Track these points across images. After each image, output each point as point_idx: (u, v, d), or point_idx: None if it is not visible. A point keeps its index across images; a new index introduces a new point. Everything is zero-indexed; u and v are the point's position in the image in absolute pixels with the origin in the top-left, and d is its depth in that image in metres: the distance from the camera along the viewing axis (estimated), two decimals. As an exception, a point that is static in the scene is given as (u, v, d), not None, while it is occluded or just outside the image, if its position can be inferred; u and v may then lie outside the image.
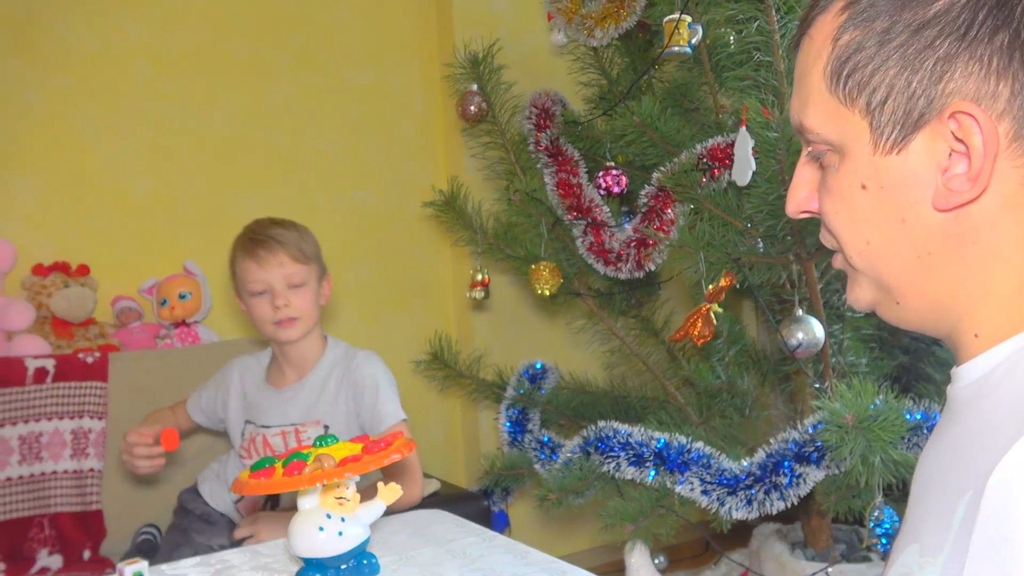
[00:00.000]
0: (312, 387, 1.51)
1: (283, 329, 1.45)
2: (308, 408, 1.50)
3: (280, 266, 1.44)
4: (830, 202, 0.59)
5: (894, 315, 0.60)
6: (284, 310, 1.43)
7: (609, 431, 1.52)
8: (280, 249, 1.44)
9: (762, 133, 1.26)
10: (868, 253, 0.58)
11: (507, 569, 1.07)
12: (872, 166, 0.56)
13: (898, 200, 0.55)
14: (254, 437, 1.50)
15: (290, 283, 1.44)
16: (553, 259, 1.87)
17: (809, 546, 1.93)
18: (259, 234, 1.46)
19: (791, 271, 1.47)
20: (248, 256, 1.44)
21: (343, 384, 1.50)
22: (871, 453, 1.12)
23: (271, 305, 1.43)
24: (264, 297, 1.44)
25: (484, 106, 1.94)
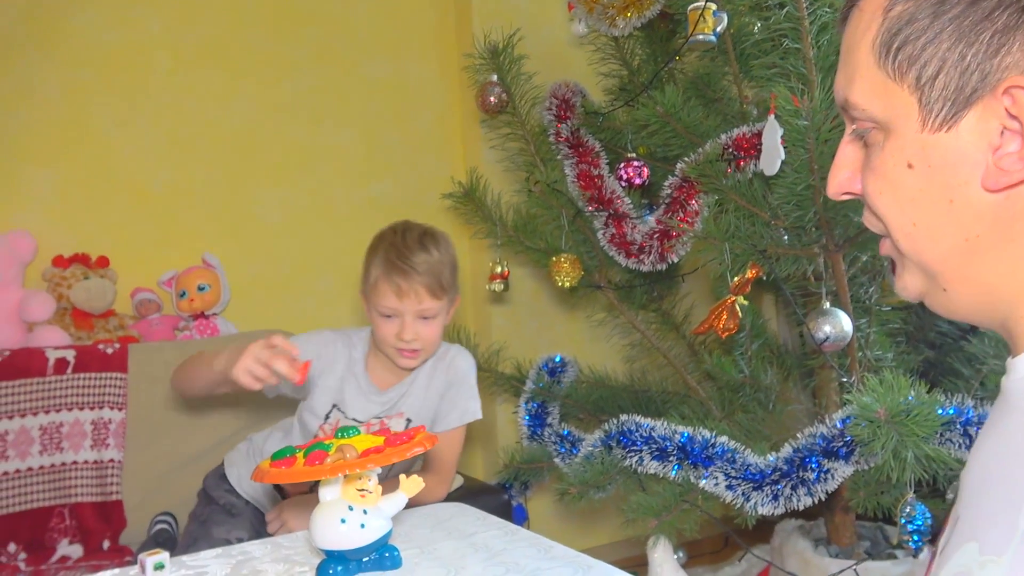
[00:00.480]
0: (419, 386, 1.51)
1: (404, 359, 1.44)
2: (395, 402, 1.50)
3: (417, 301, 1.40)
4: (874, 182, 0.57)
5: (942, 304, 0.58)
6: (411, 343, 1.42)
7: (631, 425, 1.50)
8: (420, 283, 1.39)
9: (791, 121, 1.23)
10: (914, 236, 0.56)
11: (530, 563, 1.05)
12: (919, 144, 0.53)
13: (946, 180, 0.53)
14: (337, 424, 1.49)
15: (422, 316, 1.42)
16: (574, 251, 1.84)
17: (832, 543, 1.91)
18: (404, 259, 1.40)
19: (818, 263, 1.45)
20: (386, 280, 1.40)
21: (435, 376, 1.50)
22: (903, 448, 1.09)
23: (395, 332, 1.41)
24: (392, 321, 1.41)
25: (504, 97, 1.92)
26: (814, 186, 1.29)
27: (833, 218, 1.36)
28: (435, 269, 1.40)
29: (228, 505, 1.55)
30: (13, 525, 1.66)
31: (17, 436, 1.71)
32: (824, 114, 1.25)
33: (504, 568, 1.04)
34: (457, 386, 1.50)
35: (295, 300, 2.37)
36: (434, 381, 1.50)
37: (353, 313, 2.46)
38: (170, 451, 1.85)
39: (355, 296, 2.45)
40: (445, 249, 1.45)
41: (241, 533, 1.50)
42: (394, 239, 1.43)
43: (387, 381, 1.51)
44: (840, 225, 1.38)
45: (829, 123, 1.26)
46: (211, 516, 1.54)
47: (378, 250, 1.44)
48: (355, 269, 2.46)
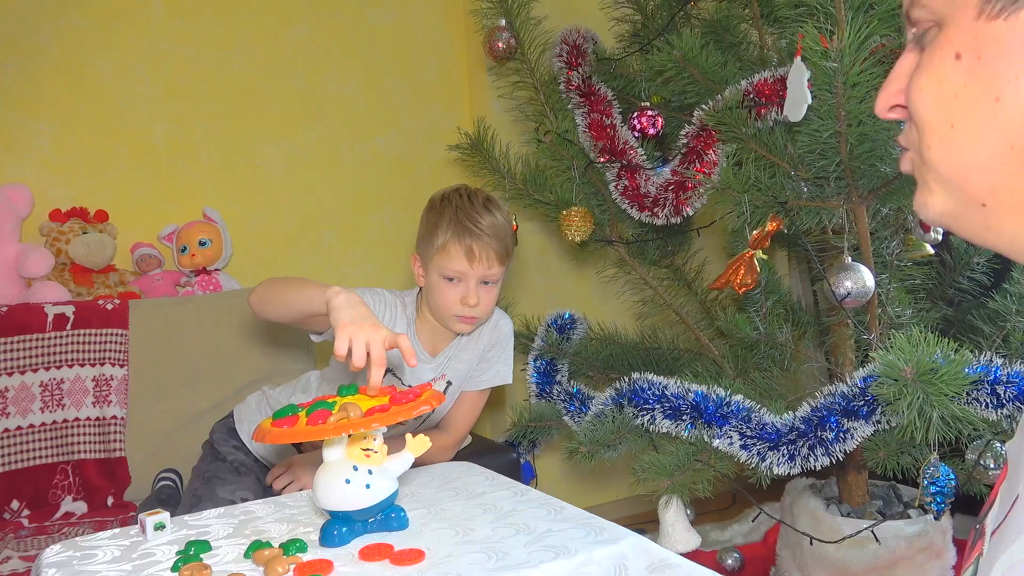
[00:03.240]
0: (463, 348, 1.49)
1: (463, 324, 1.41)
2: (442, 365, 1.48)
3: (487, 265, 1.38)
4: (918, 79, 0.51)
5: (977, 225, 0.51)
6: (473, 309, 1.39)
7: (643, 383, 1.46)
8: (491, 246, 1.37)
9: (819, 63, 1.16)
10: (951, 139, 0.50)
11: (541, 524, 1.02)
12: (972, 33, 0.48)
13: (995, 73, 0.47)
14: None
15: (485, 280, 1.40)
16: (584, 204, 1.78)
17: (844, 502, 1.88)
18: (475, 222, 1.36)
19: (840, 216, 1.38)
20: (458, 243, 1.36)
21: (479, 338, 1.49)
22: (929, 408, 1.05)
23: (459, 297, 1.38)
24: (457, 285, 1.38)
25: (512, 43, 1.83)
26: (841, 133, 1.23)
27: (859, 168, 1.29)
28: (502, 233, 1.39)
29: (235, 462, 1.51)
30: (16, 482, 1.65)
31: (17, 393, 1.68)
32: (853, 57, 1.17)
33: (514, 530, 1.01)
34: (496, 349, 1.50)
35: (299, 255, 2.33)
36: (479, 344, 1.49)
37: (355, 268, 2.42)
38: (174, 408, 1.82)
39: (359, 252, 2.41)
40: (506, 214, 1.43)
41: (246, 493, 1.47)
42: (461, 202, 1.40)
43: (436, 346, 1.48)
44: (866, 176, 1.32)
45: (858, 66, 1.18)
46: (216, 474, 1.51)
47: (444, 212, 1.39)
48: (360, 223, 2.42)
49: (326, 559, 0.94)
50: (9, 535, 1.54)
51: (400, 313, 1.48)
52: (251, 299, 1.36)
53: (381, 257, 2.45)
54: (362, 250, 2.42)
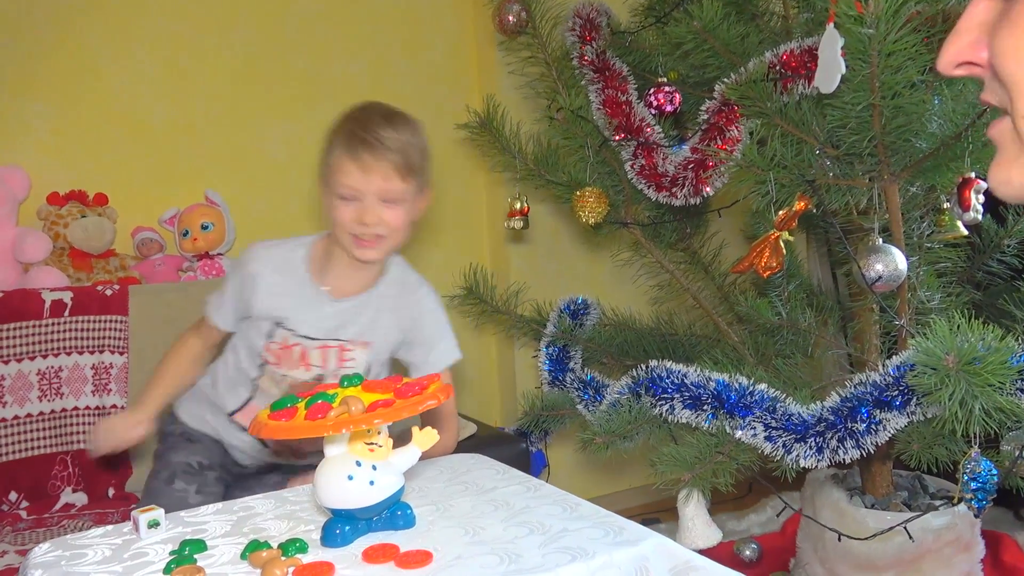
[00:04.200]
0: (371, 305, 1.34)
1: (364, 247, 1.27)
2: (361, 328, 1.34)
3: (382, 179, 1.24)
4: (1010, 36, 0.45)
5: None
6: (372, 228, 1.26)
7: (661, 371, 1.40)
8: (387, 158, 1.23)
9: (853, 30, 1.08)
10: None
11: (555, 523, 0.96)
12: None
13: None
14: (290, 345, 1.32)
15: (386, 198, 1.26)
16: (599, 184, 1.71)
17: (868, 493, 1.81)
18: (369, 132, 1.24)
19: (872, 194, 1.31)
20: (349, 156, 1.23)
21: (398, 308, 1.35)
22: (971, 399, 0.98)
23: (356, 217, 1.25)
24: (352, 204, 1.25)
25: (524, 16, 1.75)
26: (875, 106, 1.15)
27: (892, 143, 1.22)
28: (404, 147, 1.25)
29: (185, 433, 1.43)
30: (13, 473, 1.60)
31: (14, 381, 1.64)
32: (889, 23, 1.09)
33: (527, 529, 0.95)
34: (433, 326, 1.38)
35: (304, 239, 2.26)
36: (398, 310, 1.36)
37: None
38: (175, 397, 1.77)
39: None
40: (415, 132, 1.29)
41: (202, 458, 1.39)
42: (358, 115, 1.28)
43: (342, 288, 1.33)
44: (899, 152, 1.24)
45: (894, 33, 1.10)
46: (169, 445, 1.42)
47: (337, 128, 1.28)
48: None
49: (327, 561, 0.88)
50: (6, 528, 1.49)
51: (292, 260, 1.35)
52: None
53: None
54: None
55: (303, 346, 1.33)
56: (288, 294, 1.32)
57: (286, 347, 1.32)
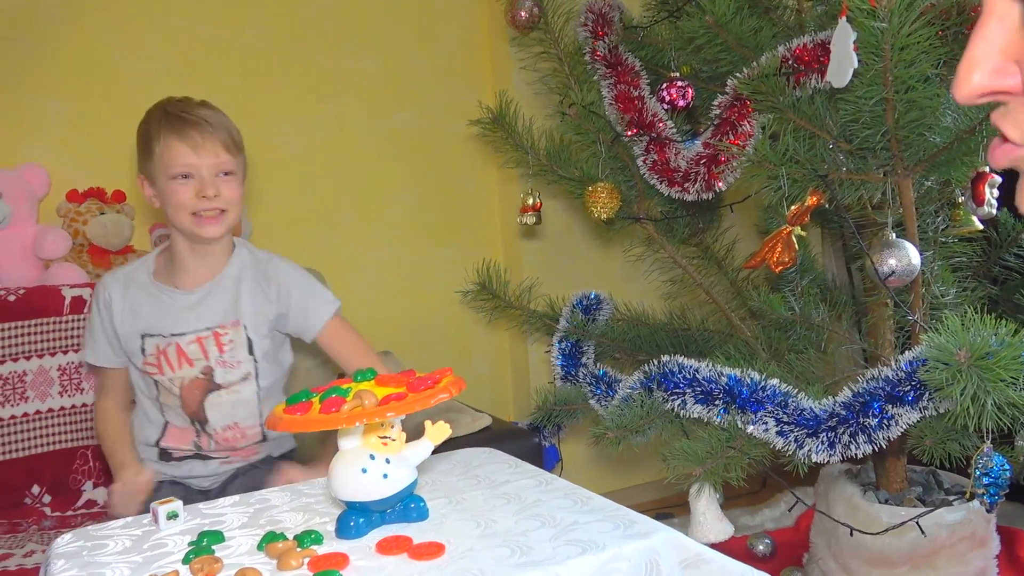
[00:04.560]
0: (227, 286, 1.37)
1: (207, 224, 1.31)
2: (225, 309, 1.37)
3: (214, 153, 1.30)
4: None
5: None
6: (214, 200, 1.30)
7: (673, 366, 1.40)
8: (213, 134, 1.30)
9: (866, 23, 1.07)
10: None
11: (567, 516, 0.97)
12: None
13: None
14: (163, 349, 1.35)
15: (220, 171, 1.31)
16: (611, 180, 1.71)
17: (881, 488, 1.81)
18: (190, 113, 1.31)
19: (885, 189, 1.30)
20: (176, 136, 1.29)
21: (258, 283, 1.38)
22: (984, 394, 0.98)
23: (195, 193, 1.29)
24: (188, 183, 1.30)
25: (536, 11, 1.76)
26: (888, 100, 1.15)
27: (906, 137, 1.21)
28: (225, 124, 1.33)
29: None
30: (36, 467, 1.63)
31: (36, 377, 1.66)
32: (903, 16, 1.09)
33: (539, 522, 0.96)
34: (299, 289, 1.40)
35: (317, 234, 2.28)
36: (258, 286, 1.38)
37: (373, 249, 2.37)
38: (193, 391, 1.79)
39: (378, 232, 2.36)
40: (227, 117, 1.37)
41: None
42: (169, 103, 1.35)
43: (190, 280, 1.37)
44: (913, 146, 1.23)
45: (908, 27, 1.10)
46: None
47: (153, 119, 1.33)
48: (378, 203, 2.37)
49: (342, 552, 0.89)
50: (32, 527, 1.52)
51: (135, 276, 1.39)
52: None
53: (401, 236, 2.40)
54: (382, 229, 2.37)
55: (176, 344, 1.35)
56: (141, 304, 1.37)
57: (161, 352, 1.35)
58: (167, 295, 1.37)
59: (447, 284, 2.29)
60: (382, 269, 2.37)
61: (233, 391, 1.37)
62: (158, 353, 1.35)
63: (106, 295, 1.38)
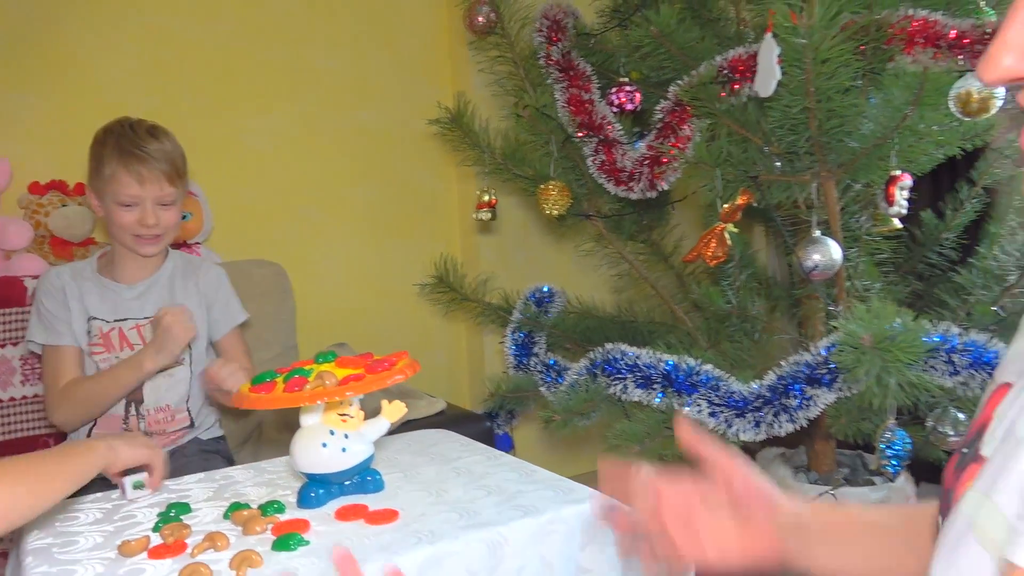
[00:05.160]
0: (163, 284, 1.55)
1: (145, 244, 1.48)
2: (163, 301, 1.53)
3: (158, 187, 1.45)
4: None
5: None
6: (153, 228, 1.47)
7: (616, 353, 1.50)
8: (159, 169, 1.45)
9: (789, 39, 1.18)
10: None
11: (512, 487, 1.06)
12: None
13: None
14: (107, 331, 1.50)
15: (161, 202, 1.47)
16: (562, 178, 1.81)
17: (812, 470, 1.93)
18: (138, 147, 1.44)
19: (810, 190, 1.42)
20: (124, 169, 1.43)
21: (189, 282, 1.57)
22: (887, 375, 1.09)
23: (137, 219, 1.45)
24: (132, 210, 1.45)
25: (493, 17, 1.84)
26: (810, 109, 1.25)
27: (827, 143, 1.32)
28: (170, 156, 1.47)
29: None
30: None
31: (-2, 364, 1.69)
32: (823, 33, 1.20)
33: (486, 491, 1.05)
34: (224, 289, 1.60)
35: (281, 228, 2.34)
36: (189, 284, 1.57)
37: (336, 242, 2.43)
38: (155, 379, 1.84)
39: (339, 226, 2.42)
40: (174, 141, 1.51)
41: None
42: (123, 131, 1.47)
43: (130, 277, 1.54)
44: (834, 150, 1.35)
45: (828, 42, 1.21)
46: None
47: (107, 144, 1.46)
48: (339, 198, 2.43)
49: (303, 519, 0.97)
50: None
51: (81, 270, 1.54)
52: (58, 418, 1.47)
53: (362, 231, 2.46)
54: (343, 224, 2.43)
55: (120, 328, 1.51)
56: (89, 292, 1.52)
57: (104, 334, 1.50)
58: (111, 287, 1.53)
59: (406, 277, 2.36)
60: (343, 263, 2.43)
61: (168, 374, 1.51)
62: (102, 335, 1.50)
63: (59, 282, 1.52)
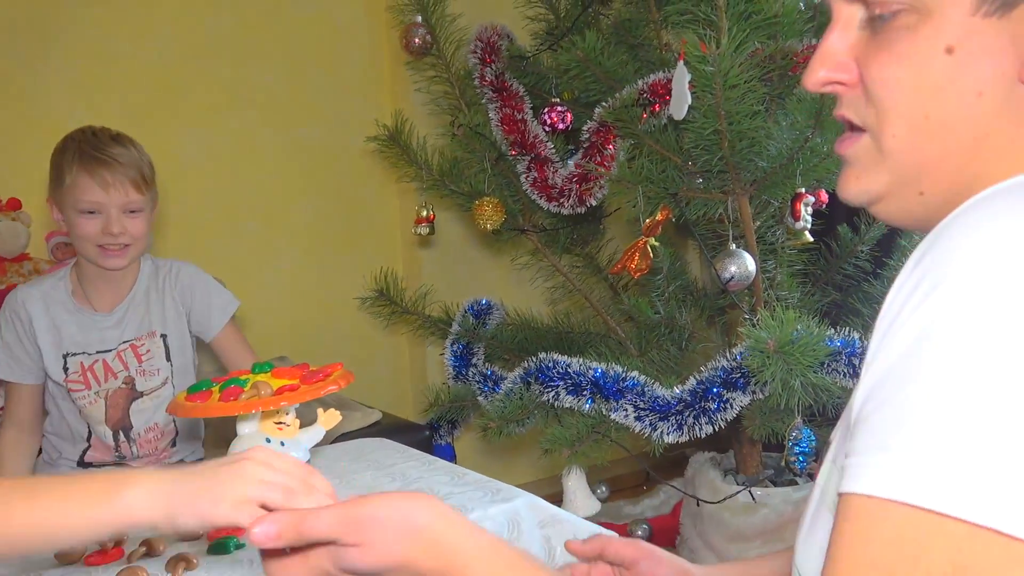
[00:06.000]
0: (139, 302, 1.46)
1: (111, 256, 1.38)
2: (140, 322, 1.45)
3: (123, 193, 1.35)
4: (892, 68, 0.50)
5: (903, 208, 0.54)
6: (119, 237, 1.36)
7: (549, 362, 1.57)
8: (124, 173, 1.35)
9: (699, 67, 1.27)
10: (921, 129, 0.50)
11: (444, 488, 1.11)
12: (966, 28, 0.48)
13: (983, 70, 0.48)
14: (89, 366, 1.42)
15: (127, 209, 1.37)
16: (497, 195, 1.88)
17: (740, 472, 2.03)
18: (101, 151, 1.35)
19: (727, 206, 1.51)
20: (87, 173, 1.33)
21: (165, 291, 1.47)
22: (791, 377, 1.18)
23: (101, 228, 1.35)
24: (95, 218, 1.35)
25: (429, 39, 1.91)
26: (721, 131, 1.35)
27: (739, 162, 1.42)
28: (136, 162, 1.38)
29: None
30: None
31: (-72, 381, 1.67)
32: (731, 60, 1.30)
33: (418, 494, 1.09)
34: (201, 290, 1.50)
35: (221, 243, 2.34)
36: (166, 293, 1.47)
37: (277, 258, 2.45)
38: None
39: (281, 241, 2.44)
40: (141, 150, 1.42)
41: None
42: (85, 137, 1.38)
43: (105, 302, 1.44)
44: (746, 169, 1.45)
45: (736, 69, 1.31)
46: None
47: (68, 150, 1.37)
48: (280, 214, 2.45)
49: (239, 524, 1.00)
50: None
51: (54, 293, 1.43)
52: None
53: (303, 246, 2.49)
54: (284, 239, 2.46)
55: (103, 360, 1.42)
56: (64, 323, 1.42)
57: (87, 369, 1.42)
58: (88, 316, 1.43)
59: (348, 291, 2.39)
60: (284, 277, 2.45)
61: (155, 396, 1.45)
62: (83, 370, 1.41)
63: (25, 313, 1.41)
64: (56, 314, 1.42)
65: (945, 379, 0.43)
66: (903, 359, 0.45)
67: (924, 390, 0.43)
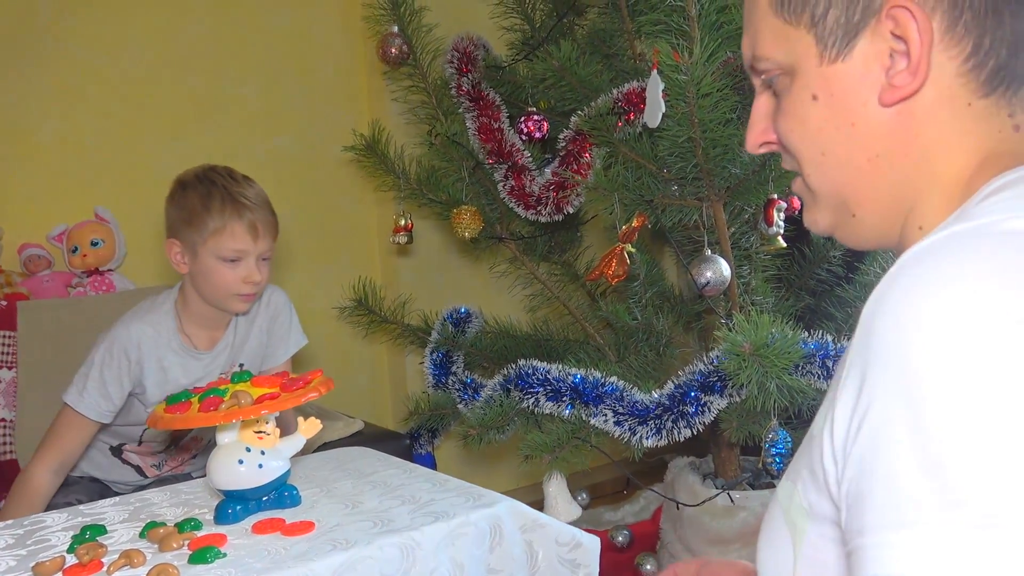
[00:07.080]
0: (240, 336, 1.47)
1: (243, 303, 1.37)
2: (229, 357, 1.47)
3: (268, 241, 1.35)
4: (785, 122, 0.61)
5: (853, 231, 0.62)
6: (256, 286, 1.36)
7: (528, 368, 1.58)
8: (269, 221, 1.35)
9: (672, 76, 1.30)
10: (824, 164, 0.60)
11: (425, 495, 1.11)
12: (821, 76, 0.58)
13: (847, 104, 0.58)
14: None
15: (264, 256, 1.37)
16: (475, 203, 1.89)
17: (719, 476, 2.05)
18: (247, 197, 1.32)
19: (702, 213, 1.54)
20: (239, 221, 1.31)
21: (255, 321, 1.48)
22: (767, 380, 1.20)
23: (240, 276, 1.34)
24: (236, 266, 1.33)
25: (405, 49, 1.92)
26: (694, 138, 1.37)
27: (713, 169, 1.45)
28: (270, 206, 1.38)
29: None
30: None
31: (-103, 397, 1.64)
32: (703, 69, 1.32)
33: (400, 500, 1.10)
34: (286, 317, 1.49)
35: (196, 255, 2.33)
36: (256, 319, 1.47)
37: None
38: (66, 409, 1.81)
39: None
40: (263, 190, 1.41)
41: (80, 496, 1.41)
42: (224, 180, 1.35)
43: (209, 339, 1.44)
44: (719, 176, 1.47)
45: (708, 78, 1.33)
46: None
47: (212, 192, 1.34)
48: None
49: (220, 534, 1.00)
50: None
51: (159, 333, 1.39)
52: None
53: (283, 254, 2.48)
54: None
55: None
56: (172, 366, 1.40)
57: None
58: (192, 357, 1.42)
59: (327, 300, 2.39)
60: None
61: None
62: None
63: (137, 353, 1.37)
64: (164, 355, 1.40)
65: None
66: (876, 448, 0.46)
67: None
